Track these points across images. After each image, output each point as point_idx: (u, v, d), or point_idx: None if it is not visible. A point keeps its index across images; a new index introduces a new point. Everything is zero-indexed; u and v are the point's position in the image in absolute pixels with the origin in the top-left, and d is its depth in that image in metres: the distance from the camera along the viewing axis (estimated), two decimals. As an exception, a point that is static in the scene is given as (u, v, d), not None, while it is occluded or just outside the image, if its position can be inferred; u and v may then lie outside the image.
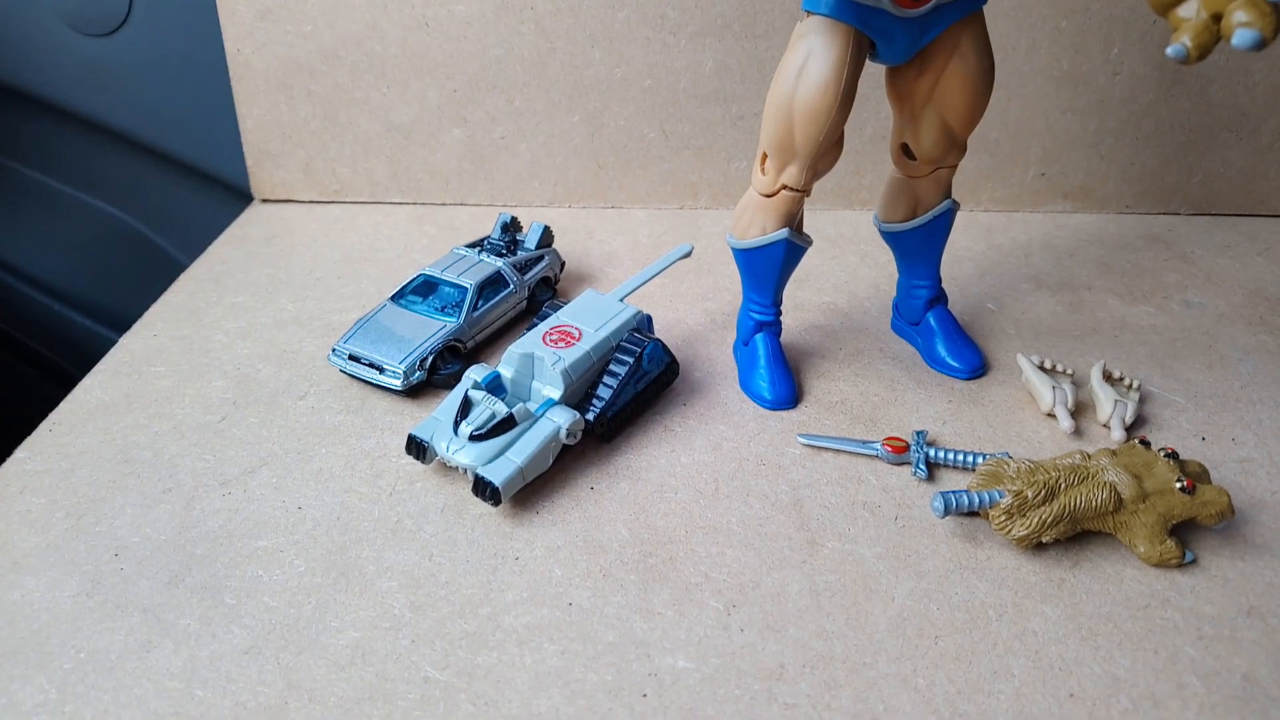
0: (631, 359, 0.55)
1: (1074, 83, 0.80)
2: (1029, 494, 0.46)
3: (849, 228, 0.82)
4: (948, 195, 0.58)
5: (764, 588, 0.45)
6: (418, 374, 0.58)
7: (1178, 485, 0.46)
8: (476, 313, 0.63)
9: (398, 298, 0.64)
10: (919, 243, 0.60)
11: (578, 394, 0.54)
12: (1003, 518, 0.46)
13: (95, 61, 0.90)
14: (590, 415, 0.54)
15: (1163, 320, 0.68)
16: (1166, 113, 0.81)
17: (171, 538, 0.49)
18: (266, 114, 0.84)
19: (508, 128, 0.84)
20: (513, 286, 0.66)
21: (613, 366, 0.55)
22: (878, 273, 0.75)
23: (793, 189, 0.52)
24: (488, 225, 0.83)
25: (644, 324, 0.59)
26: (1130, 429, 0.56)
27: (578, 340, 0.55)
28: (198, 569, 0.47)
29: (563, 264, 0.72)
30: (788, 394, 0.58)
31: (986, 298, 0.72)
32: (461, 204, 0.88)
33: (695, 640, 0.43)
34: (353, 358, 0.60)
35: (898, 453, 0.53)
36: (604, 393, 0.54)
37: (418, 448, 0.51)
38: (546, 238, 0.71)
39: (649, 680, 0.41)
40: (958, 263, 0.76)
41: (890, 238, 0.61)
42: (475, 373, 0.54)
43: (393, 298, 0.64)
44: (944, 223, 0.59)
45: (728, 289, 0.72)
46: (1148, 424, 0.57)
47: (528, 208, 0.87)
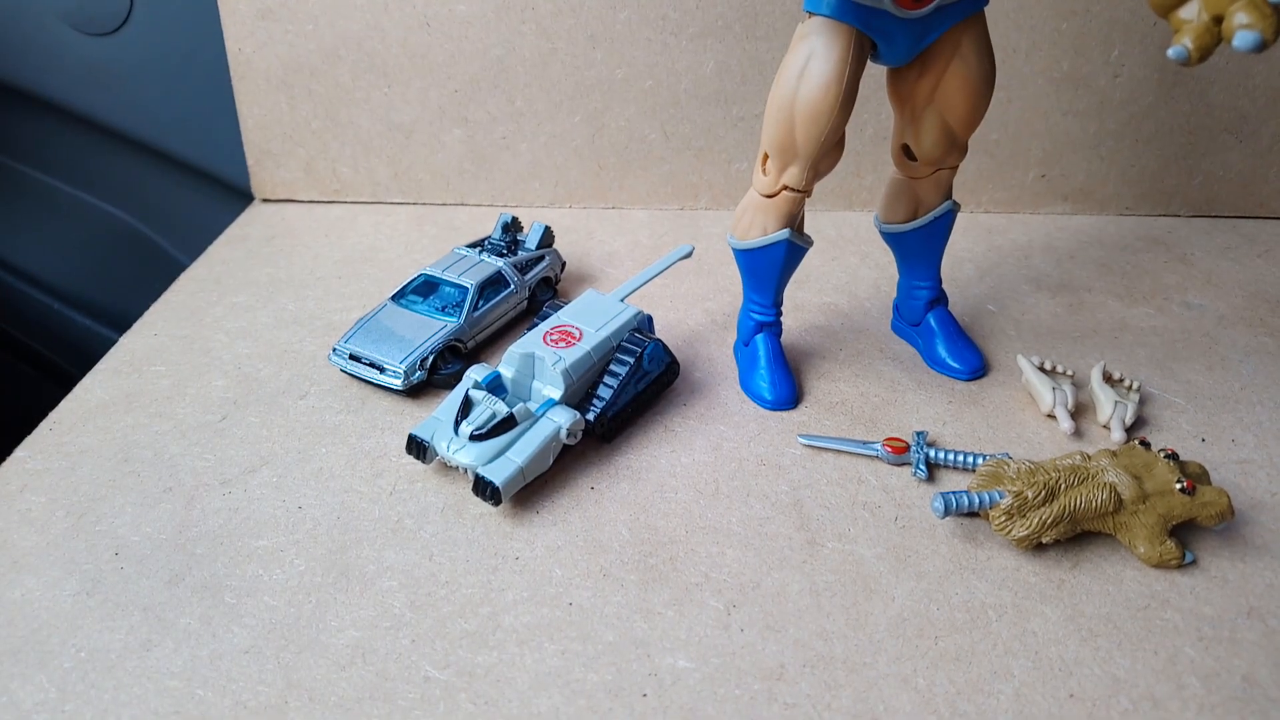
0: (632, 359, 0.55)
1: (1074, 85, 0.80)
2: (1029, 495, 0.46)
3: (849, 229, 0.82)
4: (948, 196, 0.58)
5: (764, 588, 0.46)
6: (418, 374, 0.58)
7: (1178, 486, 0.46)
8: (477, 313, 0.63)
9: (398, 297, 0.64)
10: (919, 244, 0.60)
11: (578, 394, 0.54)
12: (1003, 518, 0.46)
13: (96, 61, 0.90)
14: (591, 415, 0.54)
15: (1163, 322, 0.68)
16: (1167, 115, 0.81)
17: (172, 537, 0.49)
18: (267, 113, 0.84)
19: (509, 128, 0.84)
20: (513, 286, 0.66)
21: (613, 367, 0.55)
22: (878, 274, 0.75)
23: (794, 190, 0.53)
24: (488, 225, 0.83)
25: (645, 324, 0.59)
26: (1130, 430, 0.56)
27: (578, 340, 0.55)
28: (198, 568, 0.47)
29: (563, 264, 0.72)
30: (788, 394, 0.58)
31: (987, 299, 0.72)
32: (462, 204, 0.88)
33: (695, 640, 0.43)
34: (353, 357, 0.60)
35: (898, 453, 0.53)
36: (604, 393, 0.54)
37: (418, 447, 0.51)
38: (547, 238, 0.71)
39: (649, 680, 0.41)
40: (958, 264, 0.76)
41: (891, 239, 0.61)
42: (476, 372, 0.54)
43: (393, 297, 0.64)
44: (944, 224, 0.59)
45: (728, 290, 0.72)
46: (1148, 425, 0.57)
47: (528, 208, 0.87)
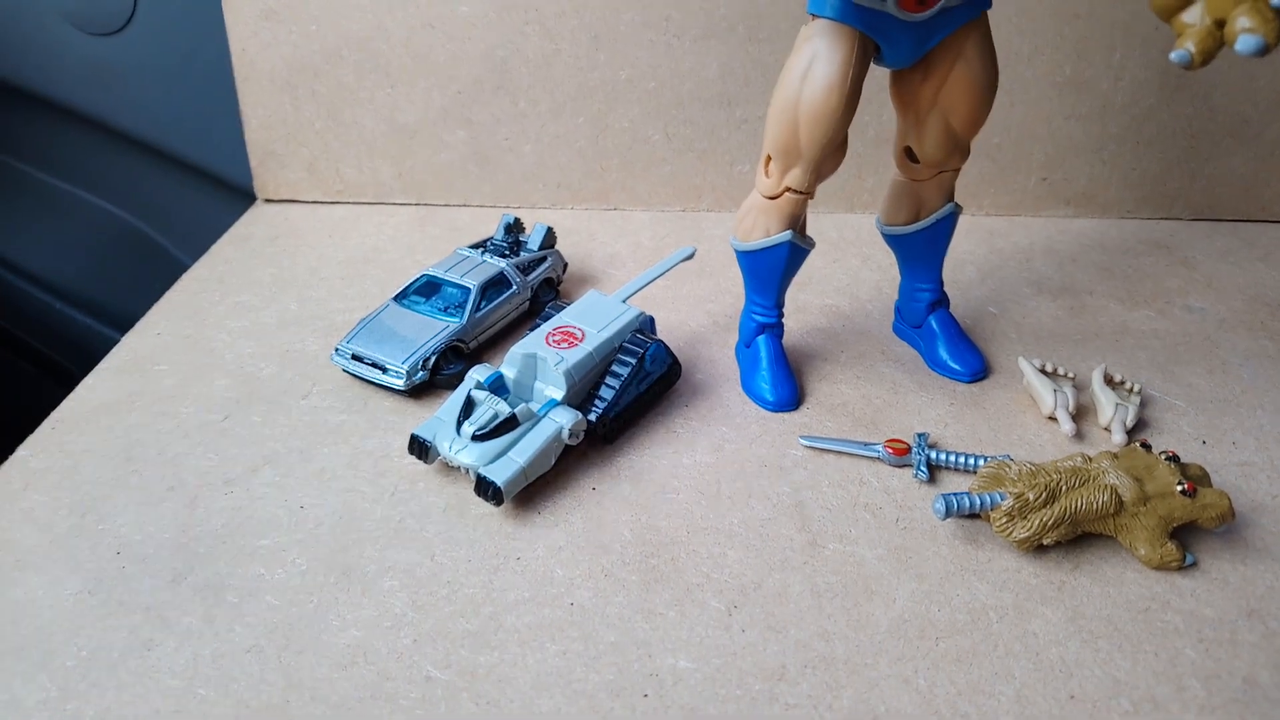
0: (634, 360, 0.55)
1: (1076, 88, 0.80)
2: (1030, 496, 0.46)
3: (851, 231, 0.83)
4: (950, 199, 0.58)
5: (765, 588, 0.46)
6: (420, 374, 0.59)
7: (1178, 488, 0.46)
8: (479, 313, 0.63)
9: (401, 298, 0.64)
10: (921, 246, 0.60)
11: (580, 395, 0.55)
12: (1004, 520, 0.46)
13: (99, 61, 0.90)
14: (592, 416, 0.54)
15: (1164, 325, 0.68)
16: (1169, 118, 0.81)
17: (174, 536, 0.49)
18: (271, 114, 0.84)
19: (511, 129, 0.84)
20: (516, 287, 0.66)
21: (615, 367, 0.56)
22: (880, 276, 0.75)
23: (796, 191, 0.53)
24: (491, 226, 0.83)
25: (647, 325, 0.59)
26: (1131, 432, 0.56)
27: (580, 341, 0.55)
28: (200, 568, 0.47)
29: (565, 265, 0.72)
30: (789, 396, 0.58)
31: (988, 301, 0.72)
32: (465, 205, 0.88)
33: (697, 641, 0.43)
34: (356, 357, 0.60)
35: (899, 455, 0.53)
36: (606, 393, 0.55)
37: (420, 448, 0.52)
38: (549, 239, 0.71)
39: (650, 680, 0.41)
40: (960, 266, 0.76)
41: (893, 241, 0.61)
42: (478, 373, 0.54)
43: (396, 298, 0.65)
44: (946, 226, 0.59)
45: (730, 291, 0.72)
46: (1149, 428, 0.57)
47: (531, 209, 0.87)
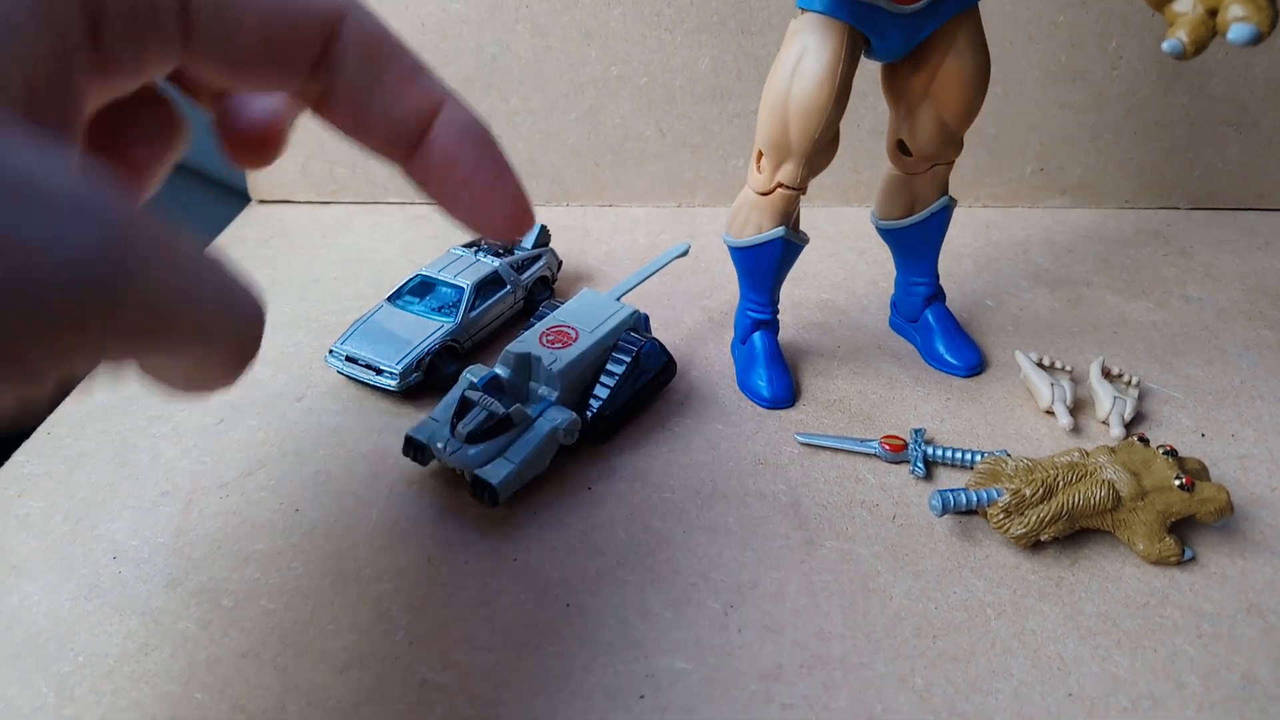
0: (629, 358, 0.55)
1: (1071, 78, 0.79)
2: (1027, 492, 0.46)
3: (846, 225, 0.82)
4: (945, 192, 0.58)
5: (762, 588, 0.45)
6: (415, 375, 0.58)
7: (1176, 482, 0.46)
8: (474, 313, 0.63)
9: (395, 298, 0.64)
10: (917, 240, 0.60)
11: (575, 394, 0.54)
12: (1001, 516, 0.46)
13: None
14: (588, 415, 0.54)
15: (1162, 316, 0.68)
16: (1165, 107, 0.81)
17: (169, 541, 0.49)
18: (263, 114, 0.84)
19: (504, 126, 0.84)
20: (510, 286, 0.66)
21: (610, 366, 0.55)
22: (876, 270, 0.74)
23: (789, 187, 0.52)
24: (485, 225, 0.83)
25: (641, 323, 0.59)
26: (1129, 426, 0.56)
27: (575, 340, 0.55)
28: (195, 572, 0.47)
29: (560, 263, 0.72)
30: (785, 392, 0.58)
31: (985, 294, 0.71)
32: (459, 203, 0.87)
33: (693, 641, 0.43)
34: (350, 359, 0.59)
35: (896, 451, 0.53)
36: (601, 392, 0.54)
37: (415, 449, 0.51)
38: (543, 237, 0.71)
39: (646, 681, 0.41)
40: (956, 259, 0.76)
41: (888, 235, 0.61)
42: (472, 373, 0.54)
43: (390, 298, 0.64)
44: (941, 219, 0.59)
45: (725, 287, 0.72)
46: (1147, 420, 0.57)
47: (525, 207, 0.87)
